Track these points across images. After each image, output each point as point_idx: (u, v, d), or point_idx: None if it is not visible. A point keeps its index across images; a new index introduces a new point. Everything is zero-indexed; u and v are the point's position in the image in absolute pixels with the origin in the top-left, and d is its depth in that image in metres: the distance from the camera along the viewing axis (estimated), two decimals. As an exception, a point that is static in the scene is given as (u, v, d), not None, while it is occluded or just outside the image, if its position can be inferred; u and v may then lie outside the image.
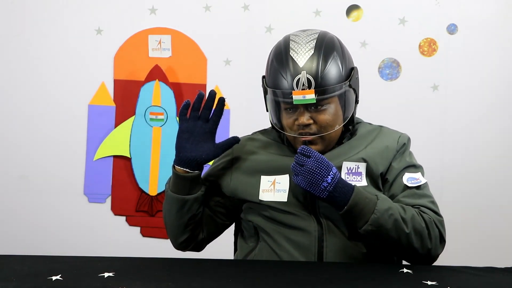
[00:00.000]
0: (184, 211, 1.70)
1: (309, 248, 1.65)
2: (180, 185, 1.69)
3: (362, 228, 1.59)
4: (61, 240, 3.11)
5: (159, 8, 3.07)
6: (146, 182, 3.11)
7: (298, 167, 1.59)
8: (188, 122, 1.68)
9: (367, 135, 1.76)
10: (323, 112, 1.65)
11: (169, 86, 3.08)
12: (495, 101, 3.03)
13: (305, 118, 1.64)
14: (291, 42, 1.69)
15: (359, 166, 1.69)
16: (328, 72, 1.64)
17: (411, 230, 1.60)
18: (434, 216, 1.66)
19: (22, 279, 1.36)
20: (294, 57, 1.65)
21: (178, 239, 1.76)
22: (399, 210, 1.61)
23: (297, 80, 1.63)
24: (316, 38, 1.69)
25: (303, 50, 1.66)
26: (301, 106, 1.65)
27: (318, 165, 1.57)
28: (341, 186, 1.58)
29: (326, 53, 1.66)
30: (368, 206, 1.58)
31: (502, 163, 3.03)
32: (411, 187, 1.70)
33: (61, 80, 3.10)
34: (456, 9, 3.01)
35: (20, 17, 3.09)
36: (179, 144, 1.68)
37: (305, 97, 1.62)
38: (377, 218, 1.57)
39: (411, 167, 1.74)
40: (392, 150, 1.73)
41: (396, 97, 3.01)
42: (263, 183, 1.70)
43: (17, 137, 3.12)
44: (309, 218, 1.67)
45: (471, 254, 2.90)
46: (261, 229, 1.72)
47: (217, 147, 1.70)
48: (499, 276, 1.51)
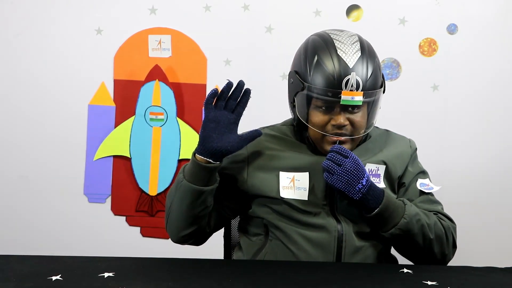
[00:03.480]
0: (198, 203, 1.65)
1: (329, 247, 1.66)
2: (199, 175, 1.64)
3: (389, 232, 1.62)
4: (61, 240, 3.11)
5: (159, 8, 3.07)
6: (146, 182, 3.11)
7: (334, 166, 1.59)
8: (215, 111, 1.64)
9: (378, 139, 1.79)
10: (357, 115, 1.66)
11: (169, 86, 3.08)
12: (495, 101, 3.03)
13: (342, 119, 1.64)
14: (335, 40, 1.67)
15: (379, 168, 1.72)
16: (374, 76, 1.64)
17: (434, 236, 1.65)
18: (450, 223, 1.71)
19: (22, 279, 1.36)
20: (342, 57, 1.63)
21: (182, 232, 1.70)
22: (424, 216, 1.65)
23: (347, 80, 1.61)
24: (358, 40, 1.68)
25: (351, 51, 1.65)
26: (339, 106, 1.64)
27: (356, 166, 1.59)
28: (373, 189, 1.61)
29: (371, 57, 1.66)
30: (397, 210, 1.62)
31: (502, 163, 3.03)
32: (426, 193, 1.74)
33: (61, 80, 3.10)
34: (456, 9, 3.01)
35: (20, 17, 3.09)
36: (206, 134, 1.64)
37: (353, 98, 1.61)
38: (406, 223, 1.61)
39: (421, 173, 1.79)
40: (407, 154, 1.78)
41: (396, 97, 3.01)
42: (283, 179, 1.69)
43: (17, 137, 3.12)
44: (328, 217, 1.67)
45: (471, 254, 2.90)
46: (273, 226, 1.71)
47: (241, 139, 1.67)
48: (499, 276, 1.51)
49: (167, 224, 1.73)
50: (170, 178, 3.09)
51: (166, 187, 3.09)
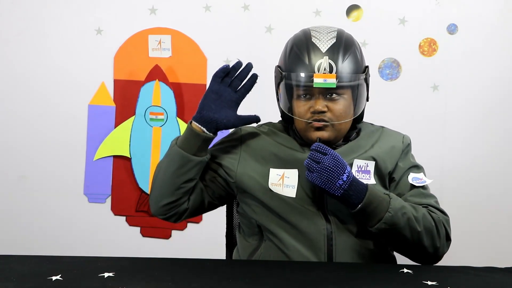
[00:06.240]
0: (183, 171, 1.67)
1: (319, 246, 1.65)
2: (191, 142, 1.67)
3: (375, 227, 1.60)
4: (61, 240, 3.11)
5: (159, 8, 3.07)
6: (146, 182, 3.11)
7: (313, 164, 1.59)
8: (219, 85, 1.69)
9: (371, 135, 1.78)
10: (338, 102, 1.67)
11: (169, 86, 3.08)
12: (495, 101, 3.03)
13: (320, 105, 1.65)
14: (311, 31, 1.71)
15: (368, 164, 1.71)
16: (349, 61, 1.66)
17: (423, 228, 1.62)
18: (442, 215, 1.69)
19: (22, 279, 1.36)
20: (316, 43, 1.67)
21: (162, 200, 1.70)
22: (411, 209, 1.63)
23: (319, 64, 1.64)
24: (336, 30, 1.72)
25: (325, 38, 1.68)
26: (317, 93, 1.65)
27: (335, 162, 1.58)
28: (355, 184, 1.59)
29: (347, 44, 1.69)
30: (382, 204, 1.60)
31: (502, 163, 3.03)
32: (417, 187, 1.73)
33: (61, 80, 3.10)
34: (456, 9, 3.01)
35: (20, 17, 3.09)
36: (205, 103, 1.68)
37: (326, 80, 1.63)
38: (391, 217, 1.59)
39: (414, 168, 1.77)
40: (398, 149, 1.77)
41: (396, 97, 3.01)
42: (272, 176, 1.70)
43: (17, 137, 3.12)
44: (317, 215, 1.67)
45: (471, 254, 2.90)
46: (265, 228, 1.71)
47: (239, 118, 1.70)
48: (499, 276, 1.51)
49: (150, 194, 1.74)
50: (170, 178, 3.09)
51: (166, 187, 3.09)
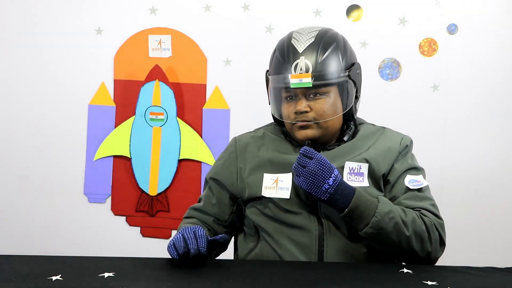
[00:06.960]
0: None
1: (310, 247, 1.66)
2: None
3: (362, 231, 1.60)
4: (61, 240, 3.10)
5: (159, 8, 3.07)
6: (146, 182, 3.11)
7: (299, 168, 1.59)
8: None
9: (370, 136, 1.76)
10: (321, 101, 1.68)
11: (169, 86, 3.08)
12: (495, 101, 3.02)
13: (302, 106, 1.67)
14: (294, 33, 1.74)
15: (361, 167, 1.69)
16: (327, 59, 1.67)
17: (412, 233, 1.61)
18: (435, 219, 1.67)
19: (22, 279, 1.36)
20: (294, 44, 1.69)
21: None
22: (399, 213, 1.61)
23: (295, 65, 1.66)
24: (318, 30, 1.73)
25: (304, 39, 1.70)
26: (300, 94, 1.67)
27: (320, 167, 1.57)
28: (342, 188, 1.59)
29: (326, 43, 1.69)
30: (369, 208, 1.59)
31: (502, 163, 3.02)
32: (412, 189, 1.70)
33: (61, 80, 3.10)
34: (456, 9, 3.00)
35: (20, 17, 3.09)
36: None
37: (301, 80, 1.65)
38: (378, 221, 1.58)
39: (413, 170, 1.75)
40: (394, 151, 1.74)
41: (396, 97, 3.01)
42: (266, 180, 1.71)
43: (17, 137, 3.12)
44: (310, 217, 1.67)
45: (471, 254, 2.90)
46: (261, 228, 1.73)
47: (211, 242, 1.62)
48: (499, 276, 1.51)
49: None
50: (170, 178, 3.09)
51: (166, 187, 3.09)
